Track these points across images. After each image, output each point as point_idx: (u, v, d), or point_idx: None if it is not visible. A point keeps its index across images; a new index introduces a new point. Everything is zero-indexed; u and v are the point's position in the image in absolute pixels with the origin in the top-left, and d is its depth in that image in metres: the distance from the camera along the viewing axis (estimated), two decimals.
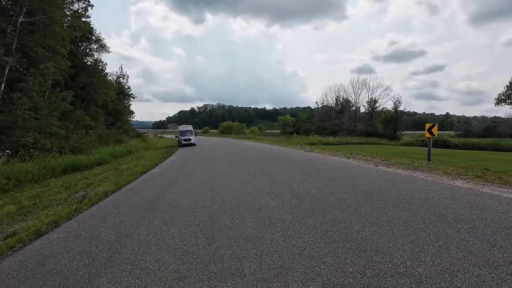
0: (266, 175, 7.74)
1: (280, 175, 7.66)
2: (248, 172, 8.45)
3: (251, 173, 8.30)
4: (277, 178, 7.22)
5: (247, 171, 8.76)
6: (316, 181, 6.63)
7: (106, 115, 32.51)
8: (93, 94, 27.82)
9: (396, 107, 44.26)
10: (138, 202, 5.51)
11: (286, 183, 6.54)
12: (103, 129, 25.71)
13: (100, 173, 10.81)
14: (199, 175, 8.56)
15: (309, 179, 6.93)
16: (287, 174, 7.87)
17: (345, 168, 8.42)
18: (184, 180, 7.83)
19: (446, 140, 31.87)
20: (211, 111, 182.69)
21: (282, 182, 6.67)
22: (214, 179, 7.67)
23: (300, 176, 7.39)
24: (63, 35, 17.30)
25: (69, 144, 14.95)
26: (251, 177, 7.62)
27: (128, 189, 7.12)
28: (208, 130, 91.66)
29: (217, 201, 5.26)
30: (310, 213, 4.22)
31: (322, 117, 57.67)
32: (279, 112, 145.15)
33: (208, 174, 8.56)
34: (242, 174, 8.14)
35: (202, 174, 8.73)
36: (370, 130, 45.99)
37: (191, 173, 9.10)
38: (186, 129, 27.91)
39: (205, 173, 8.80)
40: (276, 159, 11.86)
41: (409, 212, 4.06)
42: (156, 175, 9.16)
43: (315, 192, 5.55)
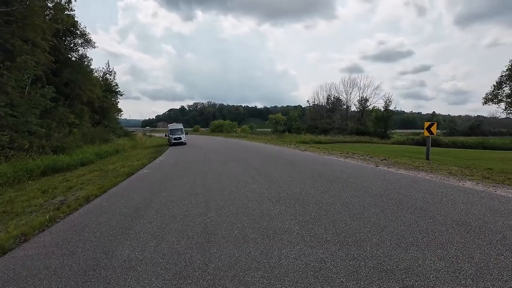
0: (263, 177, 7.27)
1: (278, 177, 7.20)
2: (243, 173, 7.96)
3: (247, 174, 7.81)
4: (275, 180, 6.76)
5: (242, 171, 8.26)
6: (318, 183, 6.20)
7: (92, 112, 31.23)
8: (78, 90, 26.60)
9: (387, 106, 44.70)
10: (123, 209, 4.92)
11: (286, 186, 6.09)
12: (88, 128, 24.62)
13: (84, 175, 10.06)
14: (191, 176, 8.00)
15: (309, 181, 6.50)
16: (285, 175, 7.42)
17: (345, 169, 8.04)
18: (175, 182, 7.26)
19: (436, 139, 32.32)
20: (201, 109, 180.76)
21: (281, 185, 6.22)
22: (208, 181, 7.13)
23: (299, 178, 6.95)
24: (43, 27, 16.23)
25: (51, 143, 14.03)
26: (247, 178, 7.13)
27: (112, 193, 6.50)
28: (199, 128, 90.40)
29: (212, 207, 4.75)
30: (318, 221, 3.77)
31: (313, 116, 57.73)
32: (270, 111, 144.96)
33: (201, 175, 8.01)
34: (237, 175, 7.64)
35: (195, 175, 8.17)
36: (361, 128, 46.29)
37: (182, 174, 8.52)
38: (176, 128, 27.09)
39: (197, 174, 8.24)
40: (271, 159, 11.40)
41: (428, 219, 3.67)
42: (144, 177, 8.53)
43: (319, 196, 5.11)
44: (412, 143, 33.72)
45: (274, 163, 10.06)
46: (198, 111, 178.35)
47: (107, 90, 37.31)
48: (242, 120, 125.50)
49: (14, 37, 13.83)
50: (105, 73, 40.57)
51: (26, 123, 12.43)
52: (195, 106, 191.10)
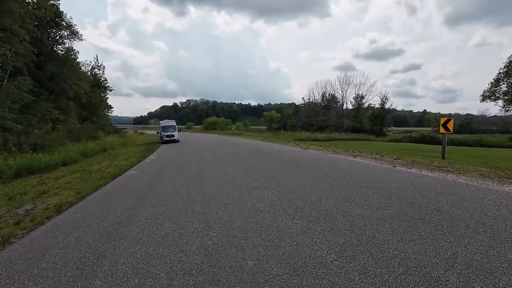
0: (269, 180, 6.31)
1: (286, 180, 6.26)
2: (245, 175, 6.98)
3: (250, 176, 6.84)
4: (284, 184, 5.81)
5: (244, 173, 7.29)
6: (336, 188, 5.28)
7: (79, 108, 29.66)
8: (63, 85, 25.04)
9: (383, 103, 44.26)
10: (100, 225, 3.89)
11: (299, 191, 5.14)
12: (74, 124, 23.15)
13: (63, 176, 8.91)
14: (185, 179, 6.98)
15: (324, 185, 5.58)
16: (293, 177, 6.48)
17: (360, 170, 7.16)
18: (166, 186, 6.22)
19: (434, 136, 32.01)
20: (194, 106, 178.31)
21: (293, 190, 5.27)
22: (205, 185, 6.13)
23: (312, 181, 6.02)
24: (20, 14, 14.80)
25: (29, 141, 12.74)
26: (251, 182, 6.16)
27: (91, 200, 5.43)
28: (192, 126, 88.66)
29: (213, 222, 3.76)
30: (358, 246, 2.83)
31: (308, 113, 57.02)
32: (264, 108, 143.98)
33: (196, 178, 6.99)
34: (239, 179, 6.66)
35: (189, 177, 7.15)
36: (357, 126, 45.80)
37: (174, 176, 7.48)
38: (168, 124, 25.83)
39: (192, 177, 7.22)
40: (273, 158, 10.45)
41: (505, 244, 2.78)
42: (131, 180, 7.45)
43: (344, 205, 4.19)
44: (409, 141, 33.38)
45: (277, 163, 9.12)
46: (191, 108, 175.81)
47: (96, 85, 35.65)
48: (236, 117, 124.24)
49: None
50: (94, 68, 38.85)
51: None
52: (188, 103, 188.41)
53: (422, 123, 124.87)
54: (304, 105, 60.85)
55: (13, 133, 12.26)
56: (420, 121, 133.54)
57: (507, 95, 31.05)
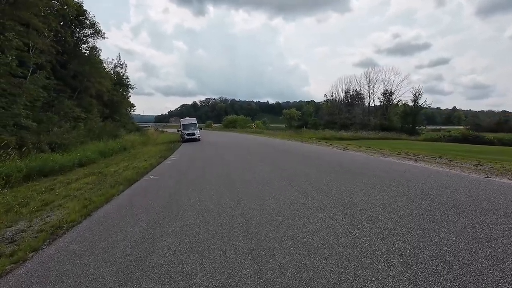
0: (325, 194, 4.80)
1: (350, 195, 4.70)
2: (289, 186, 5.51)
3: (296, 188, 5.36)
4: (350, 203, 4.26)
5: (287, 183, 5.81)
6: (438, 216, 3.67)
7: (101, 106, 29.64)
8: (86, 83, 24.87)
9: (416, 99, 40.83)
10: (99, 270, 2.59)
11: (382, 219, 3.58)
12: (96, 122, 22.78)
13: (76, 180, 7.92)
14: (213, 188, 5.63)
15: (414, 207, 3.97)
16: (361, 192, 4.91)
17: (446, 183, 5.44)
18: (192, 199, 4.90)
19: (479, 136, 28.71)
20: (213, 105, 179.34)
21: (373, 216, 3.71)
22: (242, 201, 4.72)
23: (389, 199, 4.42)
24: (41, 8, 14.25)
25: (47, 140, 12.07)
26: (302, 197, 4.67)
27: (97, 219, 4.21)
28: (211, 124, 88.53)
29: (270, 269, 2.32)
30: None
31: (331, 111, 54.52)
32: (283, 106, 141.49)
33: (226, 188, 5.62)
34: (282, 191, 5.20)
35: (218, 187, 5.79)
36: (385, 124, 42.79)
37: (200, 184, 6.15)
38: (189, 122, 24.91)
39: (221, 186, 5.86)
40: (314, 162, 8.89)
41: None
42: (149, 188, 6.22)
43: (476, 257, 2.59)
44: (449, 140, 30.16)
45: (323, 168, 7.55)
46: (210, 107, 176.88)
47: (118, 83, 35.71)
48: (254, 115, 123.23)
49: (4, 16, 11.86)
50: (116, 66, 39.00)
51: (14, 116, 10.43)
52: (207, 101, 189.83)
53: (452, 121, 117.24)
54: (326, 102, 58.35)
55: (32, 132, 11.64)
56: (449, 119, 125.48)
57: None
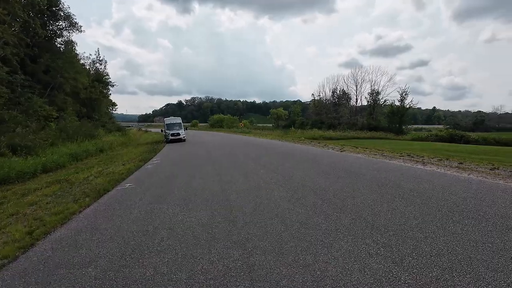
0: (337, 208, 3.91)
1: (369, 211, 3.84)
2: (294, 200, 4.58)
3: (299, 197, 4.44)
4: (382, 225, 3.39)
5: (290, 195, 4.89)
6: (482, 236, 2.85)
7: (78, 105, 27.59)
8: (59, 79, 22.91)
9: (403, 99, 41.18)
10: None
11: (431, 251, 2.73)
12: (71, 121, 20.93)
13: (35, 191, 6.63)
14: (202, 204, 4.61)
15: (453, 227, 3.15)
16: (380, 205, 4.06)
17: (465, 189, 4.71)
18: (174, 225, 3.85)
19: (464, 135, 29.12)
20: (199, 104, 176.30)
21: (417, 244, 2.85)
22: (236, 218, 3.74)
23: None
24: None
25: (7, 141, 10.51)
26: (308, 212, 3.76)
27: (39, 258, 3.08)
28: (197, 123, 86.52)
29: None
30: None
31: (318, 110, 54.41)
32: (269, 106, 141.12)
33: (219, 204, 4.61)
34: (290, 205, 4.27)
35: (206, 201, 4.77)
36: (373, 123, 42.91)
37: (185, 198, 5.10)
38: (174, 122, 23.50)
39: (211, 201, 4.84)
40: (311, 166, 8.02)
41: None
42: (122, 202, 5.08)
43: None
44: (436, 140, 30.40)
45: (325, 174, 6.70)
46: (196, 106, 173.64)
47: (97, 80, 33.54)
48: (241, 115, 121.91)
49: None
50: (95, 62, 36.71)
51: None
52: (193, 100, 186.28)
53: (432, 121, 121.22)
54: (313, 102, 58.15)
55: None
56: (430, 119, 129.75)
57: None
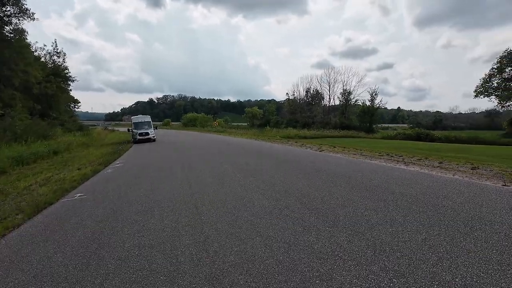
0: (328, 222, 3.33)
1: (367, 225, 3.31)
2: (274, 206, 3.95)
3: (282, 207, 3.82)
4: (386, 243, 2.85)
5: (270, 200, 4.25)
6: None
7: (32, 101, 24.66)
8: (6, 71, 20.19)
9: (373, 99, 42.79)
10: None
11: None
12: (22, 119, 18.47)
13: None
14: (167, 216, 3.79)
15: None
16: (374, 215, 3.56)
17: (479, 202, 4.41)
18: (130, 243, 3.01)
19: (429, 134, 30.82)
20: (172, 102, 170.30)
21: (434, 276, 2.33)
22: (208, 237, 3.00)
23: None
24: None
25: None
26: (296, 227, 3.14)
27: None
28: (169, 122, 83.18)
29: None
30: None
31: (292, 110, 54.88)
32: (244, 105, 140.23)
33: (186, 214, 3.83)
34: (267, 215, 3.61)
35: (174, 214, 3.96)
36: (345, 123, 44.10)
37: (148, 210, 4.23)
38: (142, 120, 21.89)
39: (181, 211, 4.03)
40: (291, 168, 7.47)
41: None
42: (64, 222, 4.07)
43: None
44: (404, 138, 31.84)
45: (309, 177, 6.16)
46: (168, 104, 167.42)
47: (54, 74, 30.39)
48: (215, 113, 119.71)
49: None
50: (52, 54, 33.32)
51: None
52: (165, 99, 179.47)
53: (397, 120, 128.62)
54: (287, 101, 58.50)
55: None
56: (395, 118, 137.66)
57: (497, 91, 30.55)
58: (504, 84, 29.37)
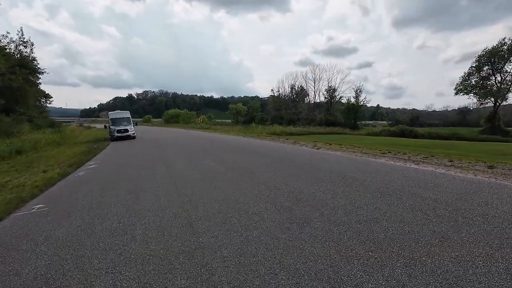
0: (352, 232, 2.59)
1: (401, 240, 2.60)
2: (291, 220, 3.15)
3: (302, 221, 3.04)
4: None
5: (284, 212, 3.45)
6: None
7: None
8: None
9: (358, 96, 43.15)
10: None
11: None
12: None
13: None
14: (152, 238, 2.88)
15: None
16: (410, 232, 2.86)
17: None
18: (103, 278, 2.10)
19: (413, 130, 31.39)
20: (152, 98, 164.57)
21: None
22: (213, 276, 2.16)
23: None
24: None
25: None
26: (331, 252, 2.38)
27: None
28: (150, 118, 79.87)
29: None
30: None
31: (277, 106, 54.43)
32: (227, 101, 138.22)
33: (182, 238, 2.94)
34: (284, 231, 2.81)
35: (164, 231, 3.05)
36: (330, 119, 44.23)
37: (127, 229, 3.29)
38: (120, 116, 20.28)
39: (170, 231, 3.13)
40: (292, 168, 6.71)
41: None
42: (11, 250, 3.05)
43: None
44: (388, 134, 32.22)
45: (318, 181, 5.42)
46: (149, 100, 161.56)
47: (20, 65, 27.69)
48: (198, 110, 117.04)
49: None
50: (18, 44, 30.40)
51: None
52: (145, 94, 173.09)
53: (375, 117, 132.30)
54: (272, 98, 57.94)
55: None
56: (374, 115, 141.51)
57: (476, 89, 31.61)
58: (481, 82, 30.42)
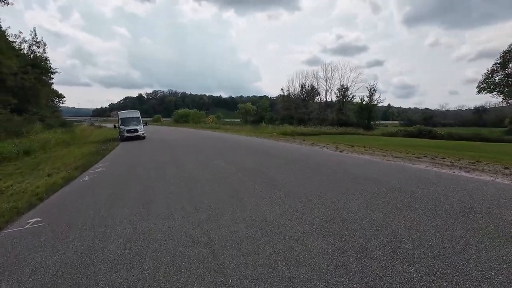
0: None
1: None
2: (334, 245, 2.41)
3: (347, 248, 2.30)
4: None
5: (326, 234, 2.70)
6: None
7: (3, 94, 22.20)
8: None
9: (371, 95, 41.74)
10: None
11: None
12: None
13: None
14: (167, 265, 2.20)
15: None
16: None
17: None
18: None
19: (432, 130, 29.93)
20: (162, 98, 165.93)
21: None
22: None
23: None
24: None
25: None
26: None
27: None
28: (160, 118, 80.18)
29: None
30: None
31: (287, 106, 53.45)
32: (236, 101, 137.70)
33: (205, 268, 2.25)
34: (331, 260, 2.07)
35: (180, 257, 2.37)
36: (343, 119, 42.97)
37: (138, 251, 2.62)
38: (130, 116, 19.90)
39: (189, 258, 2.45)
40: (320, 175, 5.95)
41: None
42: None
43: None
44: (405, 135, 30.79)
45: (359, 193, 4.63)
46: (158, 100, 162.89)
47: (33, 65, 27.80)
48: (207, 109, 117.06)
49: None
50: (31, 44, 30.61)
51: None
52: (155, 94, 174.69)
53: (387, 117, 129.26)
54: (282, 97, 57.00)
55: None
56: (385, 115, 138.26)
57: (500, 87, 29.90)
58: (506, 80, 28.71)
